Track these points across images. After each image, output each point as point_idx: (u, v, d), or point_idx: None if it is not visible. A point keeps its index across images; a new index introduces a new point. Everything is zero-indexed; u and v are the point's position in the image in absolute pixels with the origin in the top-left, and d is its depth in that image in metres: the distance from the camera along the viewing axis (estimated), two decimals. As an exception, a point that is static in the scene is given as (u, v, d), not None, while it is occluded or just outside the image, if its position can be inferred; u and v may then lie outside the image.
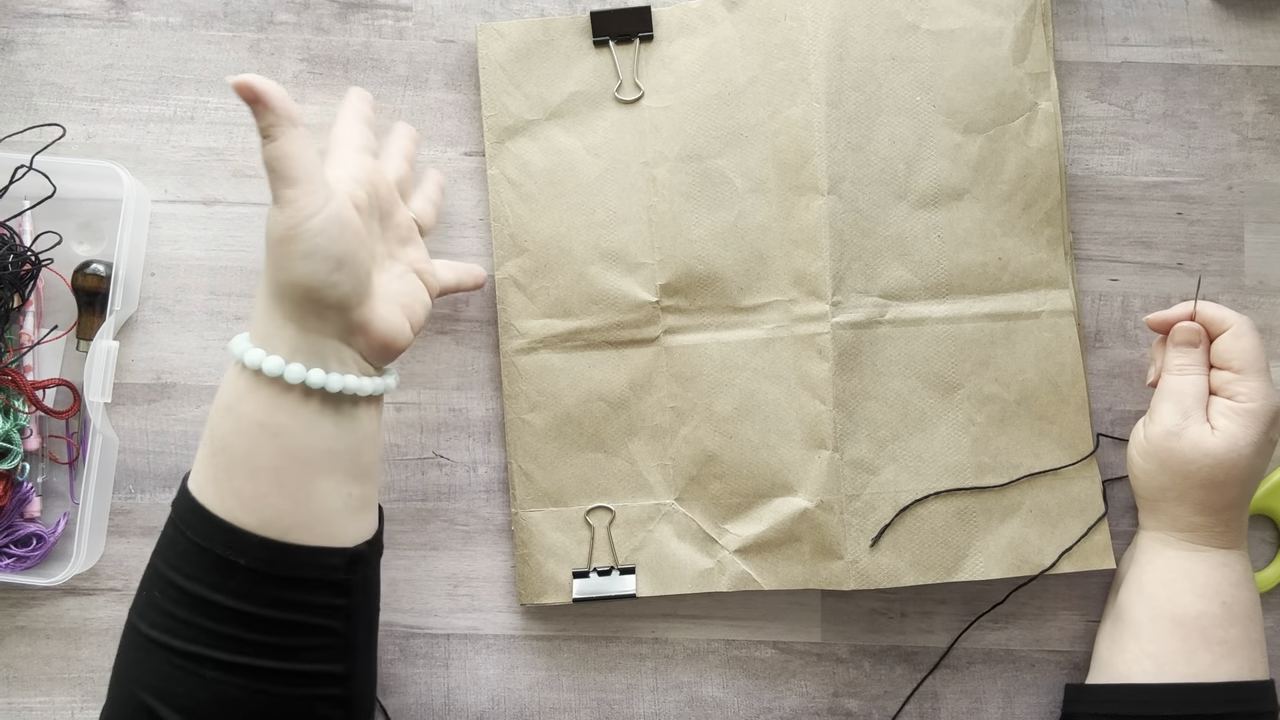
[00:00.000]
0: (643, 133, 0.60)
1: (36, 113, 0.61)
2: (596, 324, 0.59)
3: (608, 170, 0.60)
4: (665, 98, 0.60)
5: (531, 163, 0.60)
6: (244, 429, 0.46)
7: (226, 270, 0.61)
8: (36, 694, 0.60)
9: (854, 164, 0.58)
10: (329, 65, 0.62)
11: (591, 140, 0.60)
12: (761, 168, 0.59)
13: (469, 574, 0.60)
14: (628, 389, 0.59)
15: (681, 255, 0.59)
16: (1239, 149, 0.61)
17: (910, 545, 0.58)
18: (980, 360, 0.59)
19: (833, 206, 0.58)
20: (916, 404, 0.58)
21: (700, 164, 0.59)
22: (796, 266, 0.59)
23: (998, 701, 0.60)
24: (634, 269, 0.59)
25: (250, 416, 0.46)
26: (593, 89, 0.60)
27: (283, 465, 0.46)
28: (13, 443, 0.58)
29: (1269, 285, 0.61)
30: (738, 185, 0.59)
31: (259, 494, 0.46)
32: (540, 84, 0.60)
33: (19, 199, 0.59)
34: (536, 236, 0.60)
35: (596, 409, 0.59)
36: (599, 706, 0.60)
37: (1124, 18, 0.62)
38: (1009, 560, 0.58)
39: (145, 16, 0.62)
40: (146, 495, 0.61)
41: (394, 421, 0.61)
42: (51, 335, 0.60)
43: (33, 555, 0.59)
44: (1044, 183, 0.59)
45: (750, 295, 0.59)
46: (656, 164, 0.59)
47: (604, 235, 0.59)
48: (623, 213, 0.59)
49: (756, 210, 0.59)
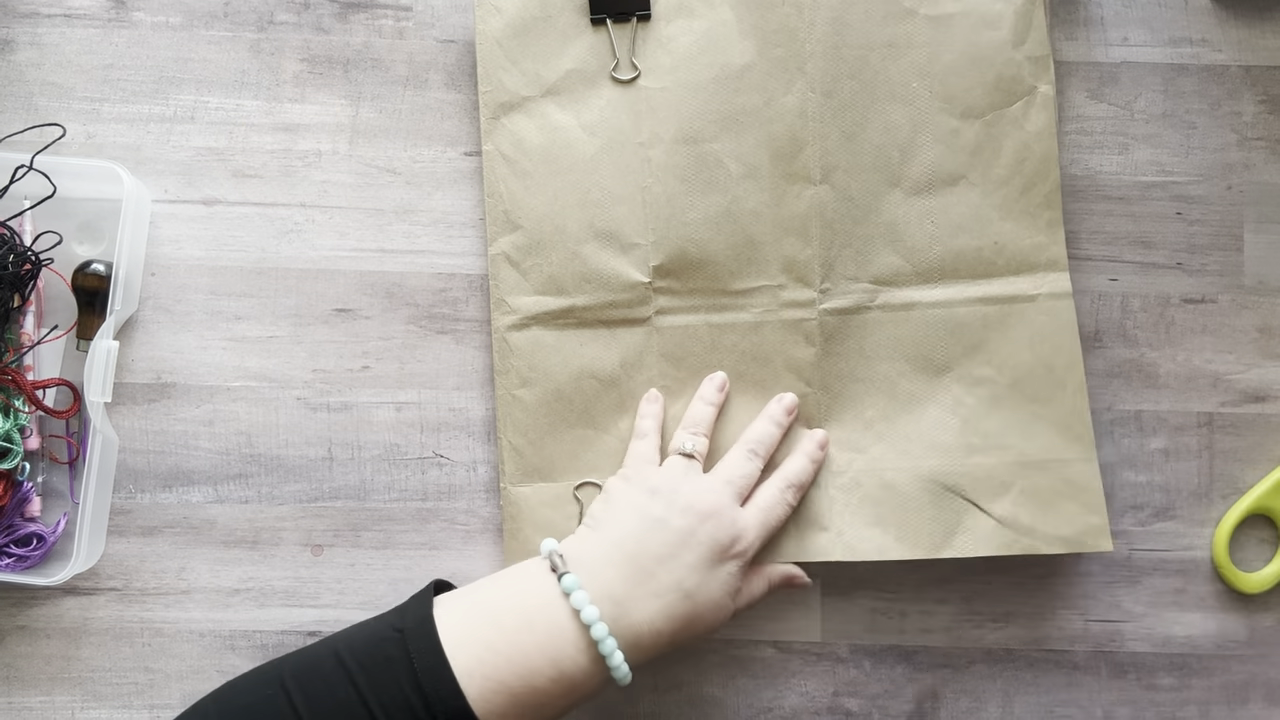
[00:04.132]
0: (639, 113, 0.60)
1: (36, 113, 0.61)
2: (589, 302, 0.59)
3: (603, 149, 0.59)
4: (662, 79, 0.60)
5: (527, 139, 0.60)
6: (537, 663, 0.49)
7: (226, 270, 0.61)
8: (36, 694, 0.60)
9: (847, 153, 0.59)
10: (329, 65, 0.62)
11: (587, 118, 0.60)
12: (756, 154, 0.59)
13: (469, 574, 0.60)
14: (619, 367, 0.59)
15: (675, 238, 0.59)
16: (1238, 149, 0.61)
17: (896, 520, 0.57)
18: (972, 344, 0.58)
19: (824, 196, 0.58)
20: (905, 386, 0.58)
21: (696, 147, 0.59)
22: (786, 253, 0.59)
23: (998, 701, 0.60)
24: (627, 249, 0.59)
25: (551, 655, 0.49)
26: (589, 67, 0.60)
27: (545, 701, 0.49)
28: (13, 442, 0.58)
29: (1269, 285, 0.61)
30: (732, 170, 0.59)
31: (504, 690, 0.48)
32: (537, 61, 0.60)
33: (19, 199, 0.59)
34: (530, 213, 0.60)
35: (587, 386, 0.59)
36: (599, 706, 0.60)
37: (1123, 18, 0.62)
38: (998, 540, 0.57)
39: (145, 16, 0.62)
40: (147, 495, 0.61)
41: (394, 421, 0.61)
42: (52, 335, 0.60)
43: (33, 555, 0.59)
44: (1043, 165, 0.59)
45: (740, 280, 0.59)
46: (652, 145, 0.59)
47: (598, 214, 0.59)
48: (617, 192, 0.59)
49: (749, 196, 0.59)
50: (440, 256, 0.61)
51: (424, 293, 0.61)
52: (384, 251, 0.61)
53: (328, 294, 0.61)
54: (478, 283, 0.61)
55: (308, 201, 0.61)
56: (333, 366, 0.61)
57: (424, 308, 0.61)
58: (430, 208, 0.61)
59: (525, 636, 0.48)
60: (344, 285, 0.61)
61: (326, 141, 0.62)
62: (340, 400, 0.61)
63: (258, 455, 0.61)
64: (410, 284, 0.61)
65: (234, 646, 0.60)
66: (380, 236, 0.61)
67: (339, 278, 0.61)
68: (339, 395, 0.61)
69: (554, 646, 0.48)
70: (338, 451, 0.61)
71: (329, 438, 0.61)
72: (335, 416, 0.61)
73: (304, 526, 0.60)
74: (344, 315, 0.61)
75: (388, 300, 0.61)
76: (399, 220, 0.61)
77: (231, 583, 0.60)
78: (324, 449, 0.61)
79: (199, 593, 0.60)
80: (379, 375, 0.61)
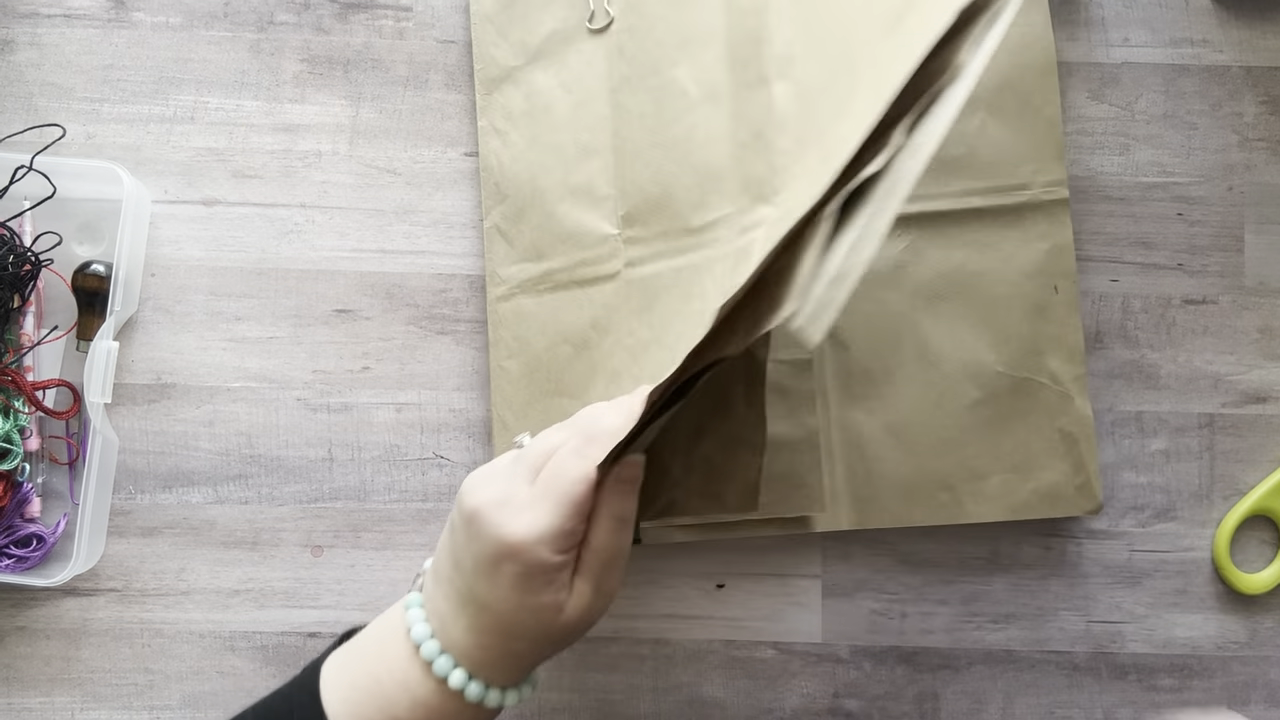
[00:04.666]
0: (611, 59, 0.58)
1: (36, 113, 0.61)
2: (563, 264, 0.58)
3: (579, 104, 0.58)
4: (629, 17, 0.57)
5: (514, 108, 0.59)
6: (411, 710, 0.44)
7: (226, 271, 0.61)
8: (36, 694, 0.60)
9: (805, 42, 0.53)
10: (329, 65, 0.62)
11: (565, 77, 0.58)
12: (714, 70, 0.55)
13: (469, 574, 0.60)
14: (590, 329, 0.57)
15: (638, 180, 0.56)
16: (1239, 150, 0.61)
17: (894, 488, 0.56)
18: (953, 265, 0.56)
19: (782, 94, 0.53)
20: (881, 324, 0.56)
21: (658, 78, 0.56)
22: (745, 171, 0.54)
23: (998, 702, 0.60)
24: (598, 202, 0.57)
25: (401, 681, 0.44)
26: (569, 24, 0.58)
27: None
28: (13, 443, 0.58)
29: (1269, 286, 0.61)
30: (692, 94, 0.55)
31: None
32: (523, 29, 0.59)
33: (19, 199, 0.59)
34: (514, 180, 0.59)
35: (562, 353, 0.57)
36: (599, 707, 0.60)
37: (1124, 18, 0.62)
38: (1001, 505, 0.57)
39: (145, 17, 0.62)
40: (146, 496, 0.60)
41: (394, 421, 0.61)
42: (51, 336, 0.60)
43: (33, 556, 0.59)
44: (1041, 79, 0.57)
45: (701, 212, 0.55)
46: (621, 89, 0.57)
47: (573, 171, 0.58)
48: (592, 145, 0.57)
49: (710, 119, 0.55)
50: (440, 257, 0.61)
51: (424, 293, 0.61)
52: (384, 252, 0.61)
53: (328, 294, 0.61)
54: (478, 283, 0.61)
55: (308, 202, 0.61)
56: (333, 367, 0.61)
57: (424, 308, 0.61)
58: (430, 208, 0.61)
59: (379, 665, 0.45)
60: (344, 286, 0.61)
61: (326, 142, 0.62)
62: (340, 401, 0.61)
63: (258, 456, 0.61)
64: (410, 284, 0.61)
65: (234, 647, 0.60)
66: (380, 237, 0.61)
67: (339, 278, 0.61)
68: (339, 396, 0.61)
69: (403, 671, 0.44)
70: (338, 452, 0.61)
71: (329, 438, 0.61)
72: (335, 417, 0.61)
73: (304, 527, 0.60)
74: (344, 316, 0.61)
75: (388, 301, 0.61)
76: (399, 221, 0.61)
77: (231, 584, 0.60)
78: (324, 450, 0.61)
79: (199, 593, 0.60)
80: (379, 376, 0.61)
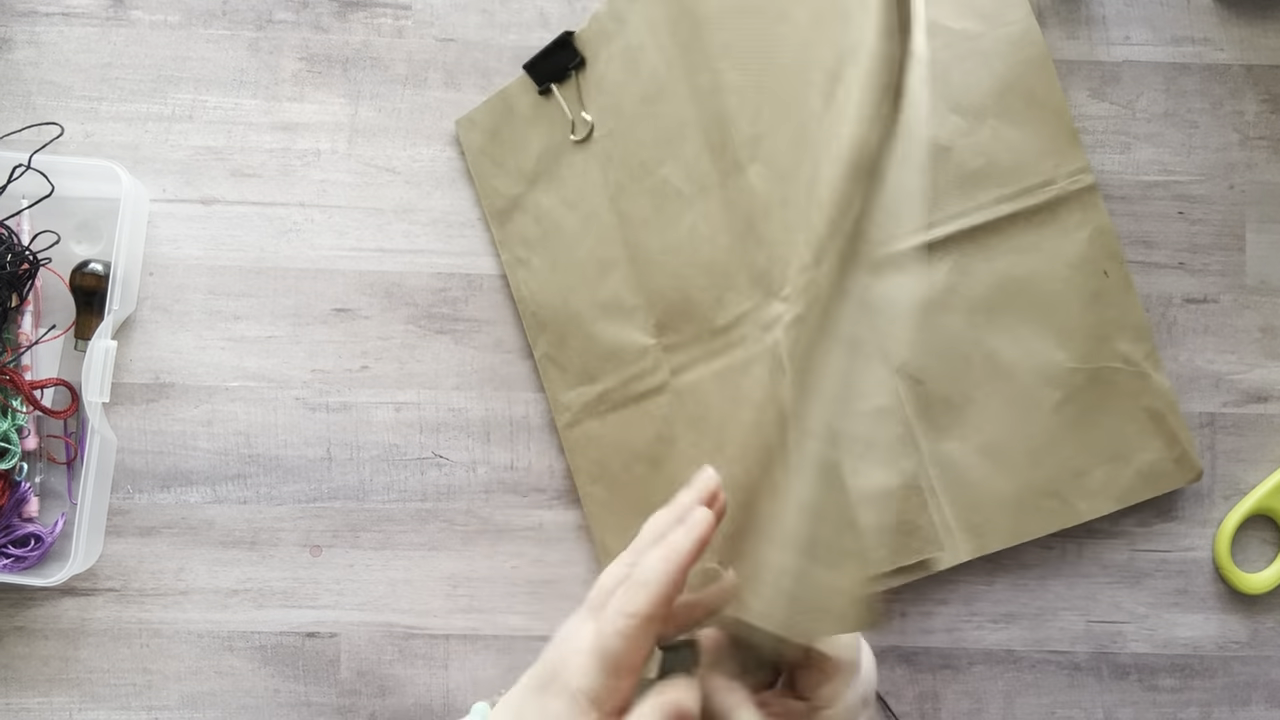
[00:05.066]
0: (603, 167, 0.58)
1: (35, 111, 0.61)
2: (615, 382, 0.58)
3: (586, 218, 0.58)
4: (607, 122, 0.58)
5: (529, 235, 0.59)
6: None
7: (225, 270, 0.61)
8: (35, 694, 0.60)
9: (767, 118, 0.53)
10: (328, 64, 0.62)
11: (565, 193, 0.58)
12: (699, 161, 0.56)
13: (468, 574, 0.60)
14: (656, 443, 0.57)
15: (659, 287, 0.57)
16: (1240, 148, 0.61)
17: (998, 507, 0.56)
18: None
19: (757, 176, 0.54)
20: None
21: (651, 179, 0.57)
22: (749, 264, 0.55)
23: (998, 702, 0.60)
24: (629, 314, 0.57)
25: None
26: (553, 140, 0.59)
27: None
28: (11, 443, 0.58)
29: (1270, 285, 0.61)
30: (685, 192, 0.57)
31: None
32: (515, 155, 0.59)
33: (17, 198, 0.59)
34: (549, 307, 0.59)
35: (637, 472, 0.57)
36: (599, 707, 0.60)
37: (1125, 17, 0.62)
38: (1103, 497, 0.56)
39: (144, 15, 0.62)
40: (145, 495, 0.60)
41: (393, 421, 0.61)
42: (50, 335, 0.60)
43: (31, 555, 0.59)
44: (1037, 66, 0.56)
45: (722, 311, 0.56)
46: (619, 197, 0.57)
47: (598, 287, 0.58)
48: (608, 258, 0.58)
49: (706, 215, 0.56)
50: (439, 256, 0.61)
51: (423, 292, 0.61)
52: (383, 251, 0.61)
53: (327, 294, 0.61)
54: (477, 282, 0.61)
55: (306, 201, 0.61)
56: (332, 366, 0.61)
57: (423, 307, 0.61)
58: (429, 207, 0.61)
59: None
60: (343, 285, 0.61)
61: (325, 140, 0.61)
62: (339, 400, 0.61)
63: (256, 455, 0.60)
64: (409, 284, 0.61)
65: (232, 647, 0.60)
66: (379, 236, 0.61)
67: (338, 277, 0.61)
68: (338, 395, 0.61)
69: None
70: (336, 452, 0.61)
71: (328, 438, 0.61)
72: (334, 417, 0.61)
73: (303, 527, 0.60)
74: (343, 315, 0.61)
75: (387, 300, 0.61)
76: (398, 220, 0.61)
77: (230, 583, 0.60)
78: (323, 449, 0.61)
79: (197, 593, 0.60)
80: (378, 375, 0.61)
